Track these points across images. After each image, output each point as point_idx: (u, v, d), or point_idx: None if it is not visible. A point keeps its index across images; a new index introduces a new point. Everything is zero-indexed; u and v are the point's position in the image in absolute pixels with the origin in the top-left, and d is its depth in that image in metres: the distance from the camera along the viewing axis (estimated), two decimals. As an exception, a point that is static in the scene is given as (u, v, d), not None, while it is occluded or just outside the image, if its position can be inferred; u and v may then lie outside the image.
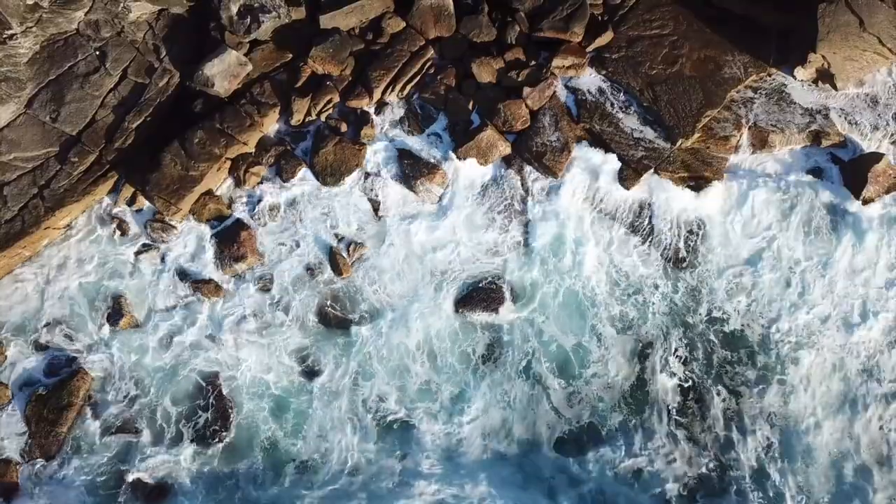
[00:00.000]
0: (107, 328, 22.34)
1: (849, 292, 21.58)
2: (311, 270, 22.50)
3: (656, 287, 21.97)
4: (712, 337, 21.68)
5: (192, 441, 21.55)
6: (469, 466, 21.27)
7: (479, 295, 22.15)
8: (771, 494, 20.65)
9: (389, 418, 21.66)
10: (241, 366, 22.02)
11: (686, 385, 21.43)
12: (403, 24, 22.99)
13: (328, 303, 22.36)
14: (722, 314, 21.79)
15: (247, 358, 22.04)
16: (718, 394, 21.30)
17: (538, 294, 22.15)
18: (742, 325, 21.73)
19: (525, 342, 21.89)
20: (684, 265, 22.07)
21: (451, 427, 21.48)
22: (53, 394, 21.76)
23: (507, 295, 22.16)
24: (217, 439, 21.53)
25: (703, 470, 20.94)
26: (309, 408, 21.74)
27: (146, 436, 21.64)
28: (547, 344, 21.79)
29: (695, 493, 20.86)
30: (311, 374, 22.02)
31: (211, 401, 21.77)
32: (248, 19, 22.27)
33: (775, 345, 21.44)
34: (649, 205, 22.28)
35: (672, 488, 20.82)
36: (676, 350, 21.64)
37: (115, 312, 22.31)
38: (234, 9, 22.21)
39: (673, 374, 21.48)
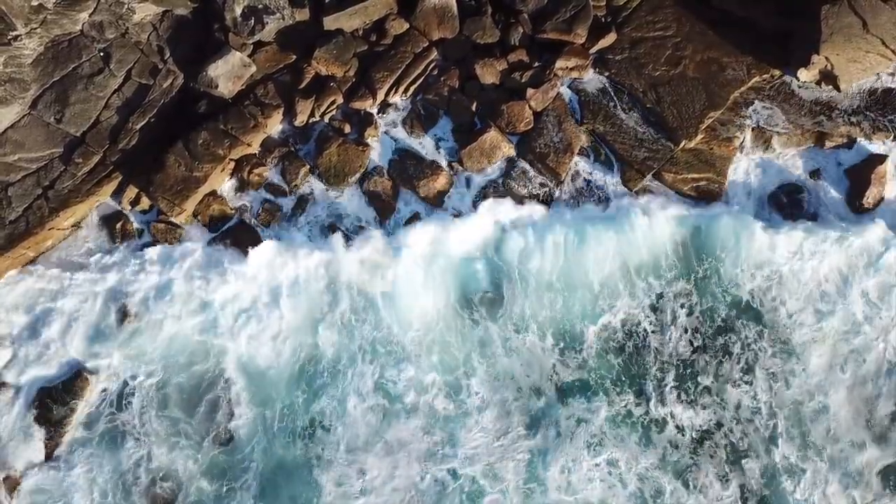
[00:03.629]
0: (109, 330, 22.34)
1: None
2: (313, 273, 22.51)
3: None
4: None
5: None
6: None
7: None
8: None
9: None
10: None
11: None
12: (407, 26, 23.01)
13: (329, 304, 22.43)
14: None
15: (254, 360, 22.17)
16: None
17: None
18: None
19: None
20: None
21: None
22: (56, 395, 21.81)
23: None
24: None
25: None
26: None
27: None
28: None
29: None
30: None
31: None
32: (252, 21, 22.30)
33: None
34: None
35: None
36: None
37: (119, 314, 22.30)
38: (239, 10, 22.25)
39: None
